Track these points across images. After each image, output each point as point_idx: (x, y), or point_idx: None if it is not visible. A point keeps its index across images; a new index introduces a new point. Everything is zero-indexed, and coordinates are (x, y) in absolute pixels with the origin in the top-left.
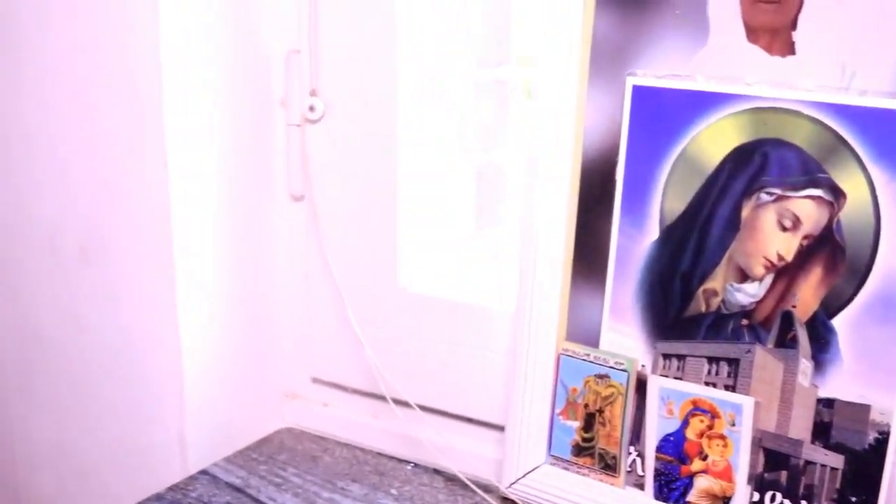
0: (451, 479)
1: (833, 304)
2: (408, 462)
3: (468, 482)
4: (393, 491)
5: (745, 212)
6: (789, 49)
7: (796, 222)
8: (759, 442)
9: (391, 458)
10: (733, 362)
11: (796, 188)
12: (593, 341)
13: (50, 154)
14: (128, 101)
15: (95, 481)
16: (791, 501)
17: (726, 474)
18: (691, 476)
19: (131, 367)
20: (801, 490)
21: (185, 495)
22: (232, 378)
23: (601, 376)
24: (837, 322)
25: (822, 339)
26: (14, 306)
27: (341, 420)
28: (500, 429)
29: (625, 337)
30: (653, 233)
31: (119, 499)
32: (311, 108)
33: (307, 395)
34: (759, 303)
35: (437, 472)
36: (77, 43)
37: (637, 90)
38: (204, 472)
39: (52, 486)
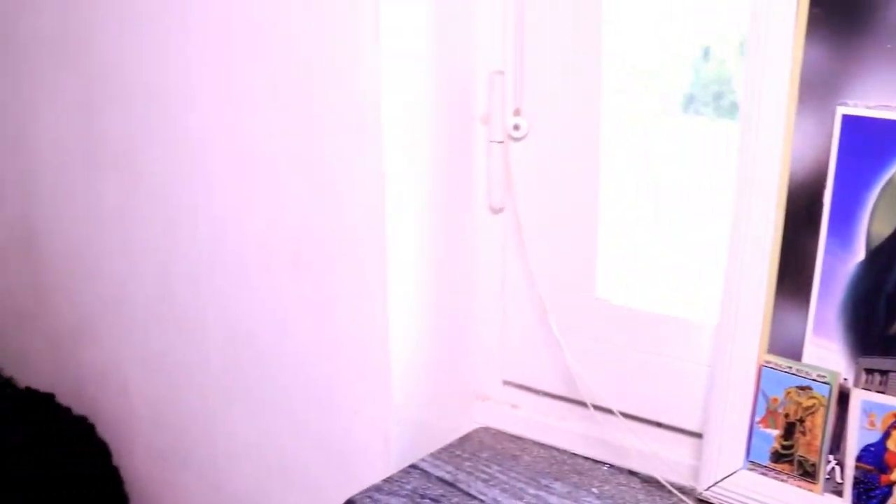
0: (646, 480)
1: None
2: (602, 463)
3: (666, 483)
4: (594, 490)
5: None
6: None
7: None
8: None
9: (586, 458)
10: None
11: None
12: (795, 355)
13: (266, 162)
14: (347, 115)
15: (296, 474)
16: None
17: None
18: (891, 485)
19: (338, 368)
20: None
21: (401, 487)
22: (431, 379)
23: (803, 388)
24: None
25: None
26: (223, 308)
27: (530, 421)
28: (693, 434)
29: (827, 351)
30: (859, 254)
31: (319, 491)
32: (516, 127)
33: (497, 397)
34: None
35: (632, 473)
36: (302, 59)
37: (847, 119)
38: (414, 467)
39: (252, 478)
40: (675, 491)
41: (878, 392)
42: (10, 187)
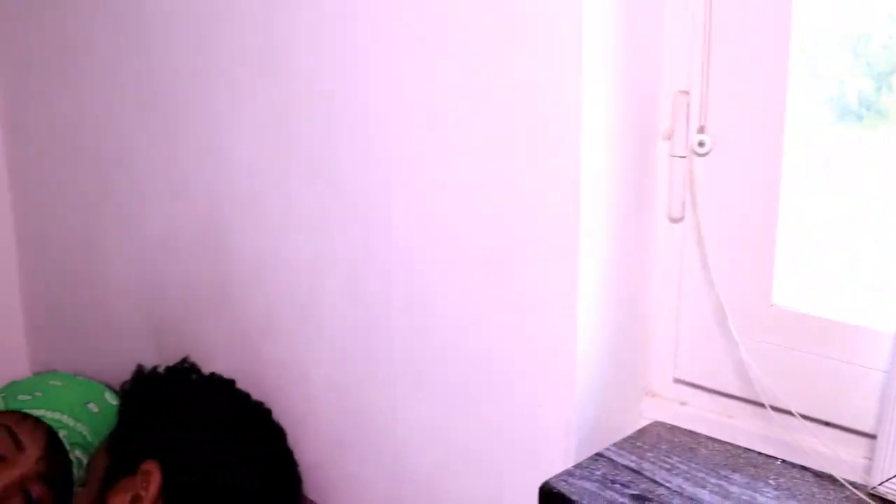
0: (818, 475)
1: None
2: (774, 458)
3: (839, 478)
4: (771, 482)
5: None
6: None
7: None
8: None
9: (759, 453)
10: None
11: None
12: None
13: (462, 169)
14: (546, 128)
15: (475, 461)
16: None
17: None
18: None
19: (524, 364)
20: None
21: (591, 473)
22: (607, 375)
23: None
24: None
25: None
26: (410, 305)
27: (698, 418)
28: (865, 434)
29: None
30: None
31: (496, 477)
32: (701, 144)
33: (666, 394)
34: None
35: (804, 468)
36: (503, 71)
37: None
38: (600, 455)
39: (431, 465)
40: (847, 485)
41: None
42: (199, 189)
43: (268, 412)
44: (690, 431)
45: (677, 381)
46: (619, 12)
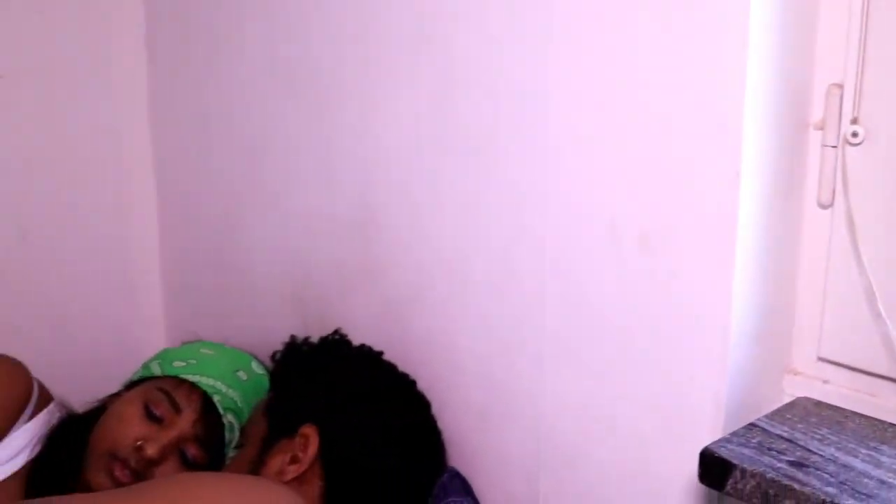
0: None
1: None
2: None
3: None
4: None
5: None
6: None
7: None
8: None
9: None
10: None
11: None
12: None
13: (620, 154)
14: (707, 119)
15: (622, 430)
16: None
17: None
18: None
19: (677, 339)
20: None
21: (747, 441)
22: (754, 352)
23: None
24: None
25: None
26: (563, 282)
27: (840, 395)
28: None
29: None
30: None
31: (643, 445)
32: (854, 135)
33: (808, 372)
34: None
35: None
36: (668, 64)
37: None
38: (753, 425)
39: (575, 433)
40: None
41: None
42: (350, 171)
43: (413, 383)
44: (836, 407)
45: (821, 359)
46: (779, 6)
